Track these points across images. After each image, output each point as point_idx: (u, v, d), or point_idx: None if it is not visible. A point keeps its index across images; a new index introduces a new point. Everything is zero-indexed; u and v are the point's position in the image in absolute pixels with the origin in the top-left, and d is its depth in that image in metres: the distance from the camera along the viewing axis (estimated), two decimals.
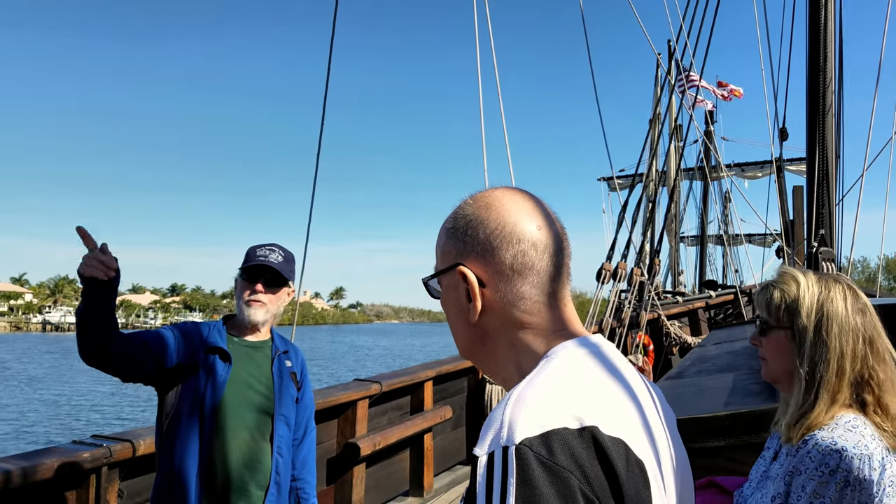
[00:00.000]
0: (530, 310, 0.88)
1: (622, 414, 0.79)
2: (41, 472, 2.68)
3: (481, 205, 0.91)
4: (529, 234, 0.88)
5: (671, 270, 21.20)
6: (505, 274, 0.87)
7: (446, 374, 5.93)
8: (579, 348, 0.85)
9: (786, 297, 1.53)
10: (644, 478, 0.75)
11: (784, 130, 9.68)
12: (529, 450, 0.69)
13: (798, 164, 17.95)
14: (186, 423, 2.28)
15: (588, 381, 0.80)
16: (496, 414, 0.75)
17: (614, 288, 8.59)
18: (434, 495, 5.35)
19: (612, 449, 0.73)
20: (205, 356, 2.33)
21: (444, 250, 0.94)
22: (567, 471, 0.69)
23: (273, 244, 2.49)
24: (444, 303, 0.95)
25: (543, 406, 0.73)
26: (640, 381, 0.89)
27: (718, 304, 11.82)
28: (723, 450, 2.26)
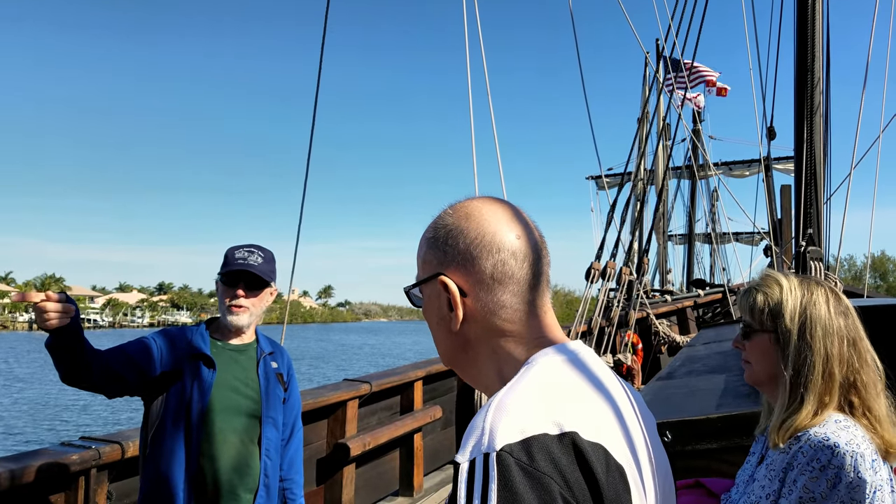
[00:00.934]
0: (510, 318, 0.89)
1: (601, 419, 0.80)
2: (29, 474, 2.66)
3: (461, 215, 0.92)
4: (509, 243, 0.89)
5: (659, 269, 21.32)
6: (485, 283, 0.89)
7: (436, 374, 5.92)
8: (558, 355, 0.86)
9: (769, 300, 1.54)
10: (624, 483, 0.76)
11: (772, 129, 9.74)
12: (510, 456, 0.70)
13: (786, 163, 18.09)
14: (172, 431, 2.26)
15: (567, 388, 0.81)
16: (477, 421, 0.76)
17: (603, 287, 8.61)
18: (424, 495, 5.35)
19: (592, 454, 0.73)
20: (189, 363, 2.31)
21: (425, 259, 0.95)
22: (548, 476, 0.69)
23: (252, 245, 2.45)
24: (426, 311, 0.96)
25: (523, 412, 0.74)
26: (620, 387, 0.90)
27: (707, 302, 11.89)
28: (715, 452, 2.27)
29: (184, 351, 2.33)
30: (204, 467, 2.26)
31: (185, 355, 2.32)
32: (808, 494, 1.36)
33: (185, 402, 2.27)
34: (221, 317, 2.44)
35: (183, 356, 2.31)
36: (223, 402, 2.31)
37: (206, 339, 2.39)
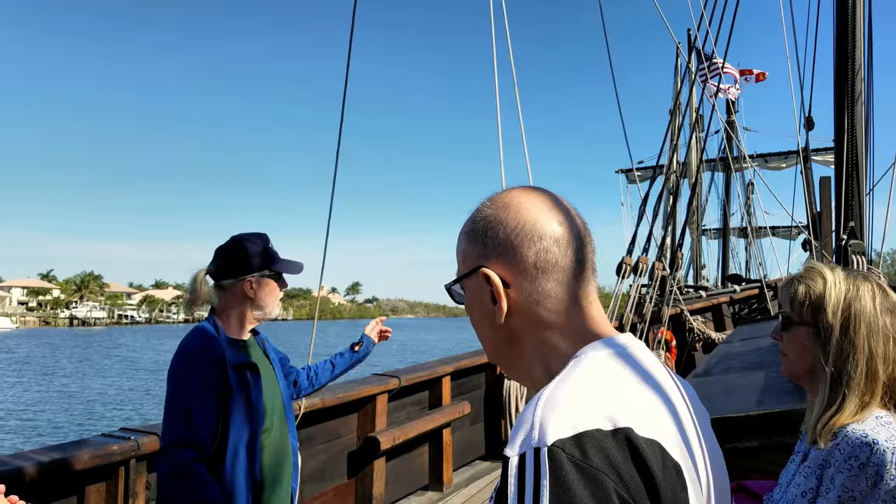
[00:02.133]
0: (556, 309, 0.87)
1: (656, 415, 0.77)
2: (72, 464, 2.74)
3: (499, 205, 0.91)
4: (551, 230, 0.87)
5: (693, 264, 20.98)
6: (529, 273, 0.86)
7: (464, 369, 5.91)
8: (609, 348, 0.83)
9: (811, 293, 1.49)
10: (681, 480, 0.73)
11: (810, 119, 9.48)
12: (562, 451, 0.67)
13: (825, 155, 17.63)
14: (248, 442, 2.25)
15: (620, 382, 0.79)
16: (526, 415, 0.73)
17: (635, 282, 8.48)
18: (453, 490, 5.34)
19: (648, 451, 0.71)
20: (238, 376, 2.26)
21: (465, 254, 0.93)
22: (602, 473, 0.67)
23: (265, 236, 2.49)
24: (469, 307, 0.94)
25: (575, 407, 0.72)
26: (672, 381, 0.87)
27: (743, 298, 11.64)
28: (756, 451, 2.20)
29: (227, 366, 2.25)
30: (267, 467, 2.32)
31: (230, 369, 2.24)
32: (847, 493, 1.31)
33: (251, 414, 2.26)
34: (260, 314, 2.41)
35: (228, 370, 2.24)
36: (266, 400, 2.35)
37: (234, 345, 2.34)
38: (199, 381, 2.19)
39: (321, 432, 4.29)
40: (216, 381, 2.21)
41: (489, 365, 6.30)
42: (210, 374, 2.21)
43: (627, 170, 22.66)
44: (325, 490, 4.34)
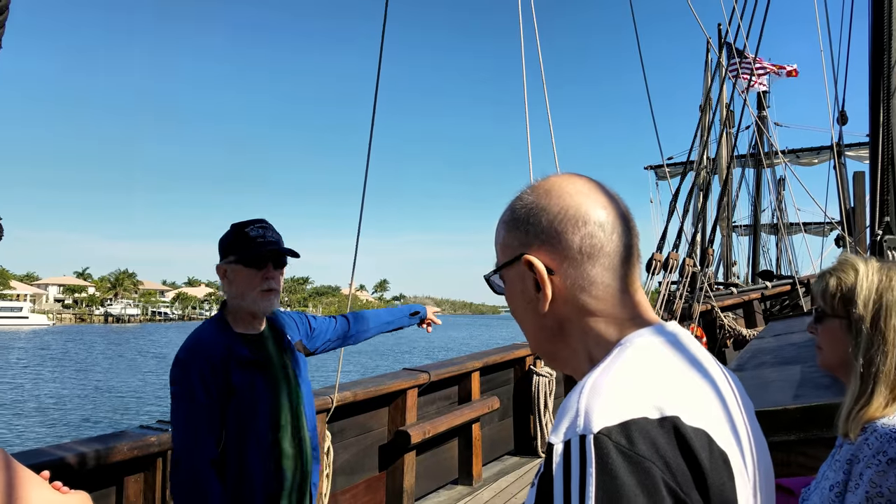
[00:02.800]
0: (602, 295, 0.85)
1: (703, 404, 0.76)
2: (111, 455, 2.81)
3: (541, 192, 0.89)
4: (595, 215, 0.85)
5: (723, 261, 20.67)
6: (574, 258, 0.85)
7: (493, 365, 5.94)
8: (655, 336, 0.82)
9: (842, 285, 1.49)
10: (728, 470, 0.73)
11: (844, 114, 9.30)
12: (609, 439, 0.67)
13: (858, 150, 17.25)
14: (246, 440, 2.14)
15: (667, 370, 0.78)
16: (570, 402, 0.73)
17: (665, 279, 8.41)
18: (483, 484, 5.38)
19: (695, 440, 0.70)
20: (242, 374, 2.14)
21: (505, 243, 0.91)
22: (649, 461, 0.66)
23: (262, 220, 2.24)
24: (510, 297, 0.93)
25: (621, 395, 0.71)
26: (720, 370, 0.85)
27: (774, 294, 11.44)
28: (793, 444, 2.18)
29: (229, 364, 2.14)
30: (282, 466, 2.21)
31: (232, 367, 2.14)
32: (875, 489, 1.30)
33: (253, 412, 2.15)
34: (248, 305, 2.19)
35: (231, 368, 2.13)
36: (278, 397, 2.22)
37: (239, 340, 2.19)
38: (194, 388, 2.09)
39: (353, 426, 4.37)
40: (215, 382, 2.09)
41: (518, 360, 6.32)
42: (206, 377, 2.09)
43: (657, 166, 22.38)
44: (356, 482, 4.41)
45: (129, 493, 2.99)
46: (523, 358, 6.33)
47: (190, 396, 2.10)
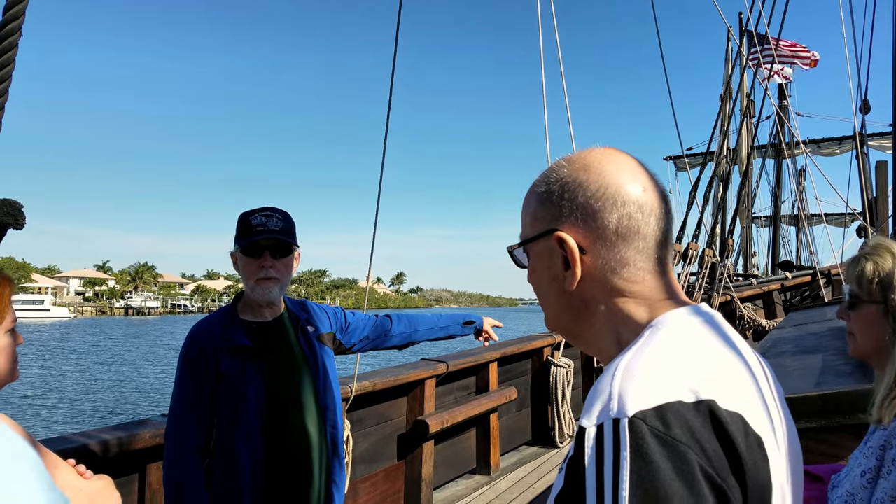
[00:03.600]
0: (633, 277, 0.82)
1: (738, 387, 0.74)
2: (135, 442, 2.85)
3: (578, 166, 0.85)
4: (635, 196, 0.82)
5: (743, 252, 20.48)
6: (608, 239, 0.82)
7: (511, 355, 5.95)
8: (688, 317, 0.80)
9: (879, 270, 1.46)
10: (763, 454, 0.71)
11: (866, 103, 9.16)
12: (644, 423, 0.65)
13: (881, 139, 16.97)
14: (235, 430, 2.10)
15: (701, 352, 0.75)
16: (603, 385, 0.71)
17: (684, 270, 8.36)
18: (501, 474, 5.40)
19: (731, 424, 0.68)
20: (234, 359, 2.11)
21: (536, 216, 0.87)
22: (685, 445, 0.64)
23: (268, 208, 2.20)
24: (534, 271, 0.90)
25: (655, 378, 0.69)
26: (752, 353, 0.84)
27: (795, 286, 11.33)
28: (814, 431, 2.16)
29: (220, 350, 2.11)
30: (280, 460, 2.13)
31: (224, 353, 2.11)
32: None
33: (245, 400, 2.09)
34: (249, 293, 2.18)
35: (222, 355, 2.11)
36: (278, 388, 2.14)
37: (240, 327, 2.17)
38: (185, 376, 2.11)
39: (372, 415, 4.40)
40: (206, 369, 2.08)
41: (536, 351, 6.32)
42: (197, 364, 2.09)
43: (677, 157, 22.21)
44: (375, 471, 4.44)
45: (151, 480, 3.03)
46: (541, 349, 6.33)
47: (181, 384, 2.12)
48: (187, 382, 2.11)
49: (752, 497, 0.68)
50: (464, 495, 4.95)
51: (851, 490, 1.41)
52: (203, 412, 2.09)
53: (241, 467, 2.07)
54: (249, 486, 2.07)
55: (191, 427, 2.09)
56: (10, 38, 1.21)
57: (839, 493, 1.47)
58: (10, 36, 1.21)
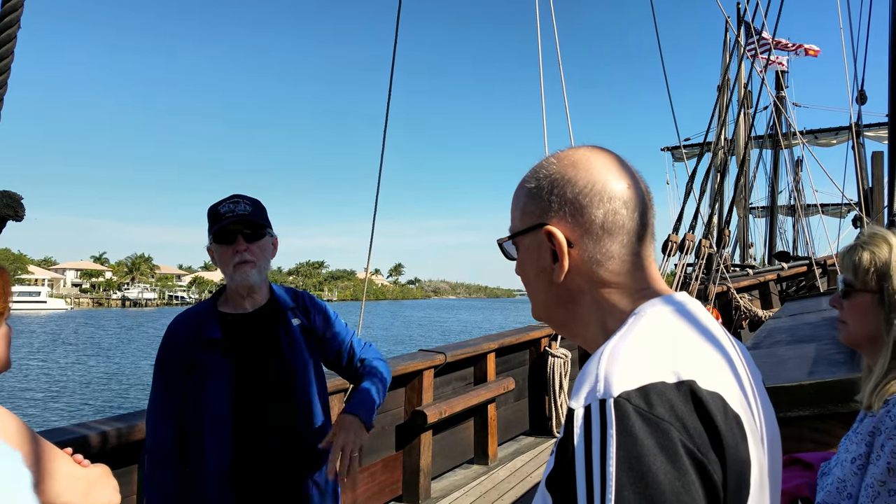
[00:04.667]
0: (617, 269, 0.87)
1: (716, 369, 0.78)
2: (133, 433, 2.86)
3: (567, 163, 0.89)
4: (620, 192, 0.87)
5: (740, 243, 20.50)
6: (594, 233, 0.86)
7: (508, 346, 5.97)
8: (668, 305, 0.84)
9: (876, 259, 1.46)
10: (741, 431, 0.75)
11: (863, 93, 9.16)
12: (628, 402, 0.69)
13: (877, 130, 17.00)
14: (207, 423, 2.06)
15: (680, 337, 0.80)
16: (590, 368, 0.75)
17: (681, 260, 8.38)
18: (498, 464, 5.43)
19: (711, 403, 0.72)
20: (204, 352, 2.08)
21: (525, 210, 0.92)
22: (667, 422, 0.68)
23: (236, 195, 2.17)
24: (523, 264, 0.94)
25: (639, 361, 0.74)
26: (728, 339, 0.88)
27: (791, 276, 11.36)
28: (807, 420, 2.18)
29: (193, 343, 2.09)
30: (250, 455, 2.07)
31: (196, 346, 2.09)
32: None
33: (212, 395, 2.05)
34: (229, 281, 2.14)
35: (195, 348, 2.08)
36: (251, 381, 2.09)
37: (215, 320, 2.13)
38: (161, 370, 2.11)
39: None
40: (179, 362, 2.08)
41: (533, 342, 6.34)
42: (170, 357, 2.09)
43: (674, 147, 22.20)
44: (374, 461, 4.47)
45: None
46: (539, 339, 6.35)
47: (155, 376, 2.13)
48: (160, 375, 2.12)
49: (731, 472, 0.72)
50: (462, 485, 4.99)
51: (842, 476, 1.42)
52: (173, 404, 2.08)
53: (208, 461, 2.04)
54: (215, 481, 2.03)
55: (161, 419, 2.08)
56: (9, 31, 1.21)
57: (830, 479, 1.48)
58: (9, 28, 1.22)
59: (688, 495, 0.66)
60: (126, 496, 2.97)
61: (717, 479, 0.70)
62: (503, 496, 4.76)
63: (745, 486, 0.74)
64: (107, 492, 1.38)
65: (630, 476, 0.66)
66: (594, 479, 0.67)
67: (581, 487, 0.68)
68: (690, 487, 0.67)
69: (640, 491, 0.65)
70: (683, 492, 0.66)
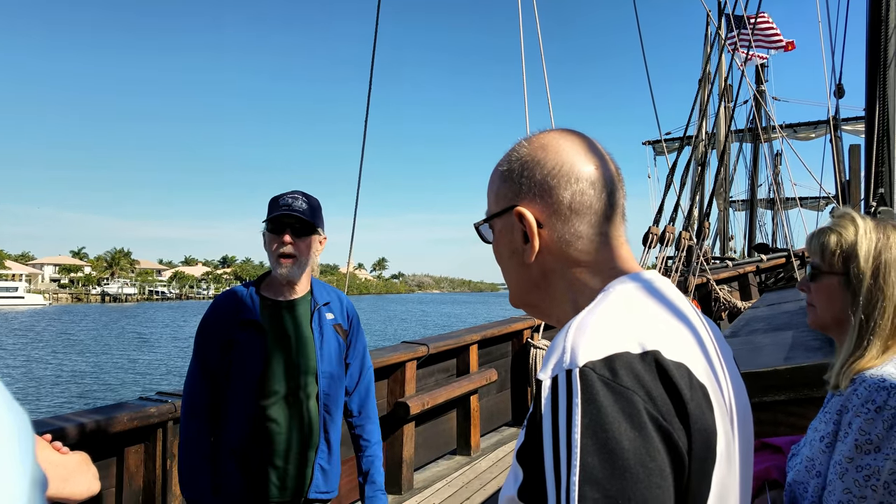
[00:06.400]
0: (586, 249, 0.88)
1: (683, 341, 0.79)
2: (112, 425, 2.84)
3: (536, 146, 0.91)
4: (588, 173, 0.88)
5: (720, 236, 20.72)
6: (562, 213, 0.88)
7: (491, 338, 5.99)
8: (634, 282, 0.85)
9: (842, 241, 1.47)
10: (707, 401, 0.76)
11: (840, 87, 9.27)
12: (593, 371, 0.70)
13: (855, 124, 17.22)
14: (232, 398, 2.23)
15: (647, 311, 0.81)
16: (557, 341, 0.76)
17: (661, 253, 8.45)
18: (481, 454, 5.46)
19: (676, 372, 0.73)
20: (240, 330, 2.23)
21: (499, 193, 0.93)
22: (631, 391, 0.70)
23: (296, 191, 2.30)
24: (497, 246, 0.95)
25: (604, 332, 0.75)
26: (696, 314, 0.89)
27: (769, 267, 11.49)
28: (782, 404, 2.20)
29: (232, 321, 2.25)
30: (265, 431, 2.21)
31: (234, 324, 2.24)
32: (864, 437, 1.31)
33: (241, 370, 2.21)
34: (272, 270, 2.30)
35: (233, 326, 2.24)
36: (278, 365, 2.23)
37: (256, 302, 2.28)
38: (199, 342, 2.28)
39: None
40: (216, 336, 2.24)
41: (516, 333, 6.37)
42: (212, 331, 2.26)
43: (655, 141, 22.33)
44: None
45: (129, 464, 3.03)
46: (521, 331, 6.38)
47: (195, 348, 2.30)
48: (199, 346, 2.28)
49: (697, 440, 0.73)
50: (444, 475, 5.01)
51: (811, 455, 1.44)
52: (207, 376, 2.24)
53: (231, 433, 2.22)
54: (227, 451, 2.22)
55: (196, 384, 2.26)
56: None
57: (799, 459, 1.51)
58: None
59: (652, 462, 0.67)
60: (106, 488, 2.96)
61: (682, 447, 0.71)
62: (486, 486, 4.79)
63: (712, 456, 0.75)
64: (86, 479, 1.36)
65: (595, 443, 0.67)
66: (560, 447, 0.68)
67: (548, 455, 0.69)
68: (655, 454, 0.68)
69: (604, 457, 0.66)
70: (648, 458, 0.67)
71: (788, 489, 1.50)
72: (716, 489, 0.75)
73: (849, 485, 1.31)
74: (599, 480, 0.66)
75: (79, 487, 1.33)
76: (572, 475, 0.66)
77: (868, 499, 1.29)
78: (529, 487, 0.72)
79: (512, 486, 0.75)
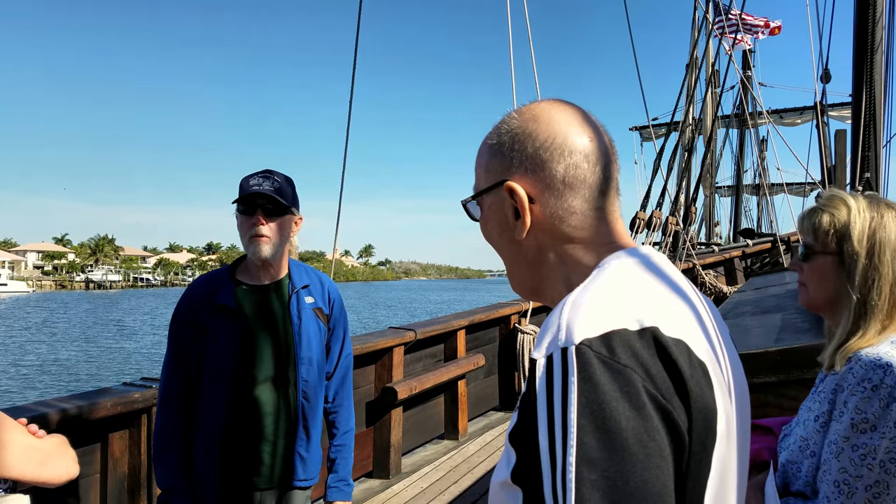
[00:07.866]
0: (580, 224, 0.85)
1: (681, 317, 0.76)
2: (96, 411, 2.80)
3: (528, 117, 0.87)
4: (581, 146, 0.84)
5: (706, 222, 20.85)
6: (555, 188, 0.84)
7: (478, 323, 5.99)
8: (631, 258, 0.82)
9: (835, 221, 1.46)
10: (707, 379, 0.73)
11: (827, 72, 9.29)
12: (590, 349, 0.67)
13: (840, 110, 17.31)
14: (207, 384, 2.17)
15: (644, 286, 0.78)
16: (552, 319, 0.73)
17: (648, 238, 8.47)
18: (468, 439, 5.48)
19: (674, 349, 0.71)
20: (214, 316, 2.17)
21: (488, 168, 0.89)
22: (629, 368, 0.67)
23: (267, 170, 2.22)
24: (487, 223, 0.91)
25: (601, 309, 0.72)
26: (694, 291, 0.86)
27: (755, 252, 11.57)
28: (773, 385, 2.20)
29: (206, 307, 2.19)
30: (242, 418, 2.16)
31: (208, 310, 2.18)
32: (860, 416, 1.31)
33: (215, 357, 2.15)
34: (247, 253, 2.23)
35: (206, 312, 2.18)
36: (253, 350, 2.17)
37: (230, 287, 2.21)
38: (174, 328, 2.22)
39: None
40: (189, 323, 2.18)
41: (503, 319, 6.37)
42: (185, 318, 2.20)
43: (642, 126, 22.37)
44: None
45: (113, 449, 3.00)
46: (508, 316, 6.39)
47: (170, 334, 2.26)
48: (173, 333, 2.24)
49: (697, 419, 0.70)
50: (432, 459, 5.01)
51: (805, 435, 1.44)
52: (181, 364, 2.20)
53: (207, 420, 2.16)
54: (203, 443, 2.16)
55: (171, 372, 2.21)
56: None
57: (792, 439, 1.50)
58: None
59: (652, 441, 0.65)
60: (89, 475, 2.92)
61: (681, 425, 0.68)
62: (473, 469, 4.80)
63: (712, 434, 0.72)
64: (64, 462, 1.34)
65: (592, 422, 0.64)
66: (556, 427, 0.65)
67: (543, 436, 0.66)
68: (654, 433, 0.65)
69: (602, 437, 0.63)
70: (647, 438, 0.65)
71: (781, 469, 1.50)
72: (716, 468, 0.73)
73: (844, 464, 1.31)
74: (597, 461, 0.63)
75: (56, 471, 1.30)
76: (568, 455, 0.63)
77: (864, 478, 1.28)
78: (523, 469, 0.69)
79: (504, 469, 0.72)
